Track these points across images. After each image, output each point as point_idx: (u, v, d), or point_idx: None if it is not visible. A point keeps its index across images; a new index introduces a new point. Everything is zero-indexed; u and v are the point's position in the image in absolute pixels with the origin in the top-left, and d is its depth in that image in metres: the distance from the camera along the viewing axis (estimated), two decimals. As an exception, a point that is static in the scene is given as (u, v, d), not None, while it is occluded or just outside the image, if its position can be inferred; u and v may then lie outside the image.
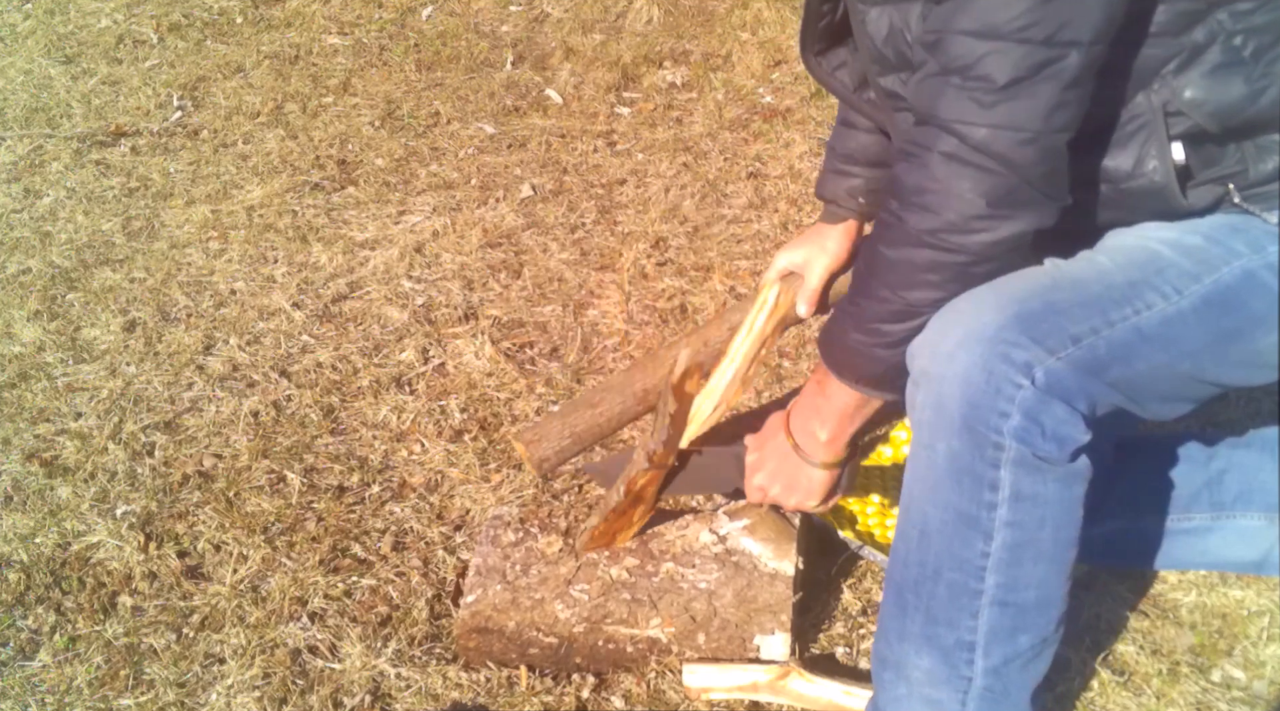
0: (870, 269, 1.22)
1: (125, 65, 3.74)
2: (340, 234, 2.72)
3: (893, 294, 1.19)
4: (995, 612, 1.24)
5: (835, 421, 1.34)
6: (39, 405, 2.21)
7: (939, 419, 1.18)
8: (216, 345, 2.35)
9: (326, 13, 3.98)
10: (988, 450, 1.16)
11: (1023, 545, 1.20)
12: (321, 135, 3.20)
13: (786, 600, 1.51)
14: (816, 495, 1.42)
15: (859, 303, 1.24)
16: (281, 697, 1.57)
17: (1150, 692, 1.49)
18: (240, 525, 1.87)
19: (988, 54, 1.06)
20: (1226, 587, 1.63)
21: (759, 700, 1.50)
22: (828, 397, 1.33)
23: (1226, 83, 1.14)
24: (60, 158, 3.18)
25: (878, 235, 1.21)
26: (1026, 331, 1.15)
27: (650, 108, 3.25)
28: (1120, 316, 1.18)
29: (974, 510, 1.19)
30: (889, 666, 1.32)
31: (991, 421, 1.14)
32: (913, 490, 1.25)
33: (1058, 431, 1.15)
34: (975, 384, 1.14)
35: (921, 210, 1.14)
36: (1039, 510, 1.19)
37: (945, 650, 1.26)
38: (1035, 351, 1.14)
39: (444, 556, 1.79)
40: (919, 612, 1.27)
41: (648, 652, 1.53)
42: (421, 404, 2.13)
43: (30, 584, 1.80)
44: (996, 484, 1.17)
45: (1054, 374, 1.14)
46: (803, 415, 1.37)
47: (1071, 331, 1.16)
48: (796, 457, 1.39)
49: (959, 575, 1.23)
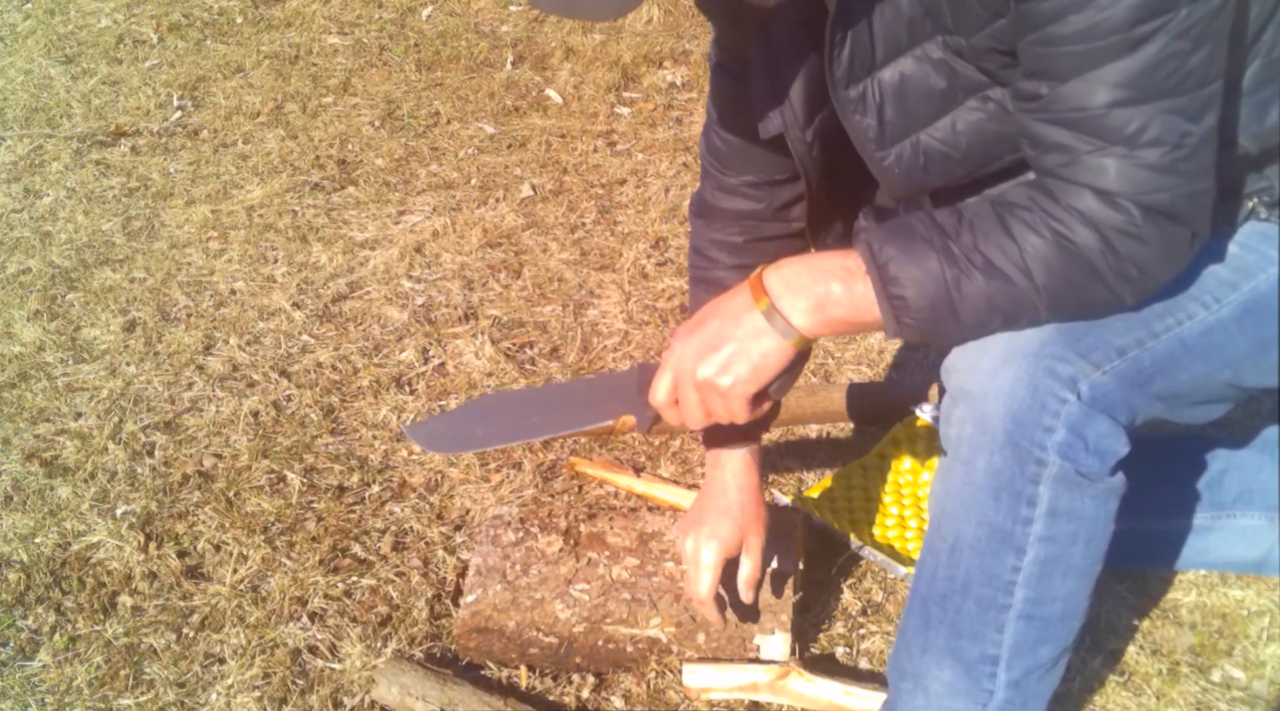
0: (1010, 260, 1.08)
1: (125, 65, 3.74)
2: (340, 234, 2.72)
3: (1038, 296, 1.09)
4: (1021, 626, 1.22)
5: (831, 307, 1.12)
6: (39, 405, 2.21)
7: (981, 435, 1.15)
8: (216, 345, 2.35)
9: (326, 13, 3.97)
10: (1030, 466, 1.14)
11: (1054, 560, 1.19)
12: (321, 135, 3.20)
13: (786, 600, 1.52)
14: (762, 377, 1.14)
15: (970, 263, 1.08)
16: (281, 697, 1.57)
17: (1150, 692, 1.49)
18: (240, 525, 1.87)
19: (1153, 117, 1.02)
20: (1226, 587, 1.63)
21: (759, 700, 1.50)
22: (846, 285, 1.11)
23: (1265, 107, 1.14)
24: (60, 158, 3.18)
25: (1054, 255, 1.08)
26: (1072, 345, 1.13)
27: (650, 108, 3.25)
28: (1164, 327, 1.17)
29: (1009, 525, 1.17)
30: (908, 677, 1.31)
31: (1036, 437, 1.13)
32: (946, 505, 1.22)
33: (1100, 445, 1.14)
34: (1020, 399, 1.12)
35: (1117, 279, 1.08)
36: (1073, 526, 1.18)
37: (968, 663, 1.25)
38: (1081, 365, 1.12)
39: (444, 556, 1.79)
40: (944, 626, 1.25)
41: (648, 652, 1.53)
42: (421, 404, 2.13)
43: (30, 584, 1.80)
44: (1035, 499, 1.16)
45: (1099, 388, 1.13)
46: (795, 275, 1.13)
47: (1116, 344, 1.15)
48: (759, 317, 1.13)
49: (988, 590, 1.21)
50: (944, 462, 1.23)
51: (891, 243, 1.09)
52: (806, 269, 1.13)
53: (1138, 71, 1.00)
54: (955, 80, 1.15)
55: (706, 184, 1.53)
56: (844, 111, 1.24)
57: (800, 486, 1.88)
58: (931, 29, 1.13)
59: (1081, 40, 1.01)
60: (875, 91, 1.19)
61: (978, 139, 1.18)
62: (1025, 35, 1.05)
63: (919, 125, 1.20)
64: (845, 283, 1.11)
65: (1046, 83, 1.05)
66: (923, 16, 1.13)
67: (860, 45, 1.16)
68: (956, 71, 1.15)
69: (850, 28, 1.15)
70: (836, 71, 1.19)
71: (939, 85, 1.16)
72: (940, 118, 1.18)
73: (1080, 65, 1.02)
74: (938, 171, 1.22)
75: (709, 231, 1.53)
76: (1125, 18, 0.98)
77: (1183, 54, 1.00)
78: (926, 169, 1.22)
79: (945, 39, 1.13)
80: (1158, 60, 1.00)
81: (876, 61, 1.18)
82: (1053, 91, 1.05)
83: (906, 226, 1.11)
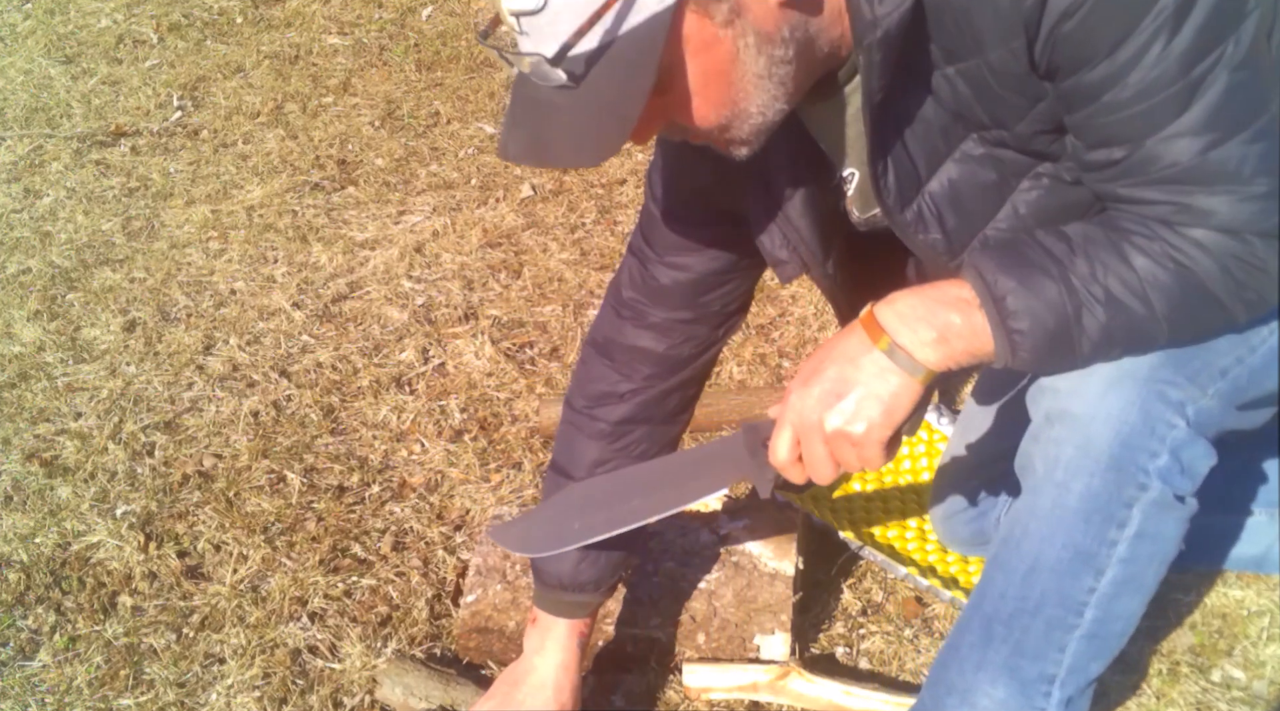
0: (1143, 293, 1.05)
1: (125, 65, 3.74)
2: (340, 234, 2.72)
3: (1158, 325, 1.06)
4: (1083, 645, 1.21)
5: (953, 340, 1.06)
6: (39, 405, 2.21)
7: (1083, 458, 1.13)
8: (216, 345, 2.35)
9: (326, 13, 3.97)
10: (1129, 490, 1.13)
11: (1129, 581, 1.18)
12: (321, 135, 3.20)
13: (786, 600, 1.51)
14: (895, 419, 1.08)
15: (1090, 295, 1.04)
16: (281, 697, 1.57)
17: (1150, 692, 1.49)
18: (240, 525, 1.87)
19: (1246, 150, 1.00)
20: (1226, 587, 1.63)
21: (759, 700, 1.50)
22: (965, 315, 1.06)
23: None
24: (60, 158, 3.18)
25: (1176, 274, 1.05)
26: (1181, 369, 1.11)
27: (650, 108, 3.25)
28: (1259, 340, 1.15)
29: (1095, 547, 1.16)
30: (955, 692, 1.27)
31: (1141, 461, 1.11)
32: (1029, 525, 1.19)
33: (1194, 466, 1.13)
34: (1132, 424, 1.10)
35: (1237, 305, 1.06)
36: (1154, 547, 1.17)
37: (1025, 682, 1.22)
38: (1190, 390, 1.11)
39: (444, 556, 1.79)
40: (1006, 645, 1.22)
41: (648, 652, 1.53)
42: (421, 404, 2.13)
43: (30, 584, 1.80)
44: (1125, 522, 1.14)
45: (1204, 411, 1.12)
46: (910, 309, 1.07)
47: (1219, 365, 1.13)
48: (880, 356, 1.07)
49: (1060, 611, 1.19)
50: (1033, 482, 1.19)
51: (1007, 273, 1.05)
52: (921, 300, 1.07)
53: (1214, 112, 0.98)
54: (1003, 168, 1.13)
55: (616, 322, 1.43)
56: (906, 234, 1.20)
57: (800, 486, 1.88)
58: (965, 129, 1.11)
59: (1143, 100, 0.98)
60: (930, 206, 1.17)
61: (1042, 215, 1.16)
62: (1078, 109, 1.02)
63: (981, 222, 1.17)
64: (963, 313, 1.06)
65: (1119, 148, 1.02)
66: (953, 121, 1.11)
67: (902, 168, 1.14)
68: (1003, 160, 1.13)
69: (889, 155, 1.12)
70: (889, 200, 1.15)
71: (989, 177, 1.14)
72: (1000, 208, 1.16)
73: (1151, 124, 1.00)
74: (969, 236, 1.19)
75: (606, 374, 1.43)
76: (1180, 66, 0.96)
77: (1248, 83, 0.99)
78: (957, 237, 1.19)
79: (981, 134, 1.11)
80: (1229, 96, 0.98)
81: (922, 177, 1.15)
82: (1133, 156, 1.02)
83: (1017, 254, 1.06)
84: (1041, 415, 1.17)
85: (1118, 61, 0.97)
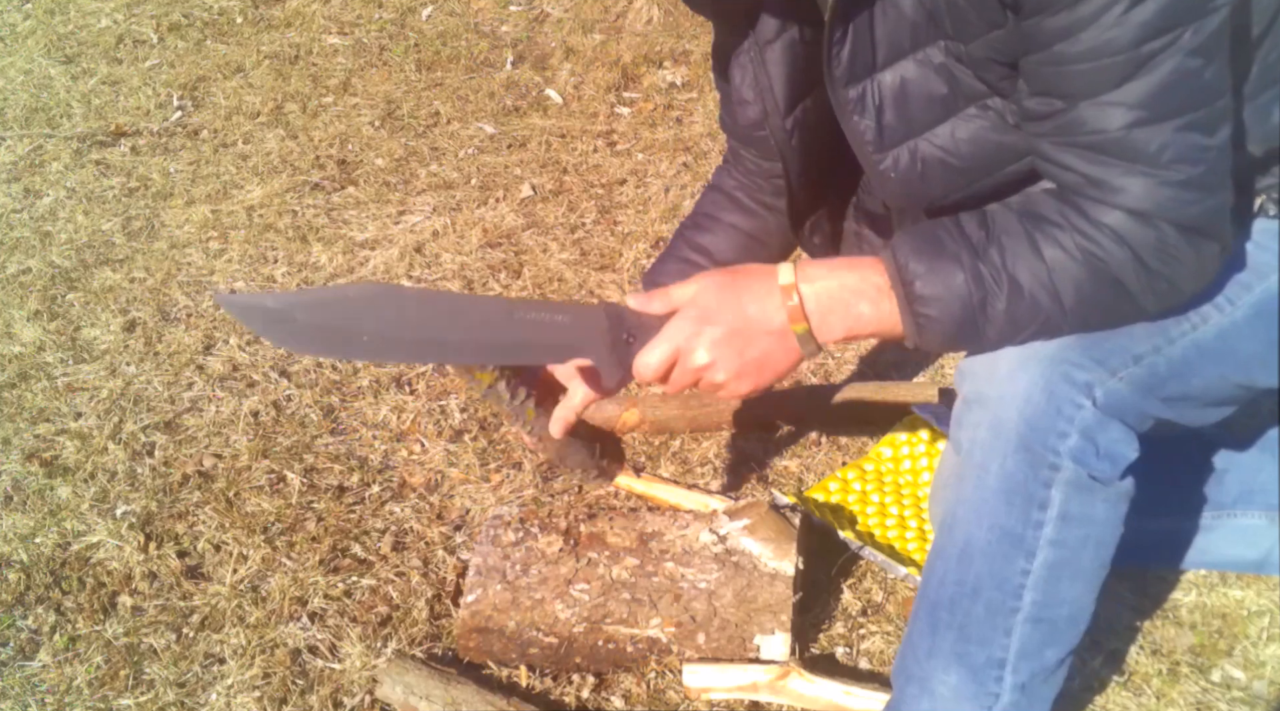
0: (1036, 277, 1.07)
1: (125, 65, 3.74)
2: (340, 234, 2.72)
3: (1064, 317, 1.09)
4: (1028, 630, 1.23)
5: (860, 329, 1.12)
6: (39, 405, 2.21)
7: (995, 440, 1.16)
8: (216, 345, 2.35)
9: (326, 13, 3.97)
10: (1043, 470, 1.15)
11: (1064, 564, 1.20)
12: (321, 135, 3.20)
13: (786, 600, 1.51)
14: (771, 383, 1.15)
15: (997, 284, 1.07)
16: (281, 697, 1.57)
17: (1150, 692, 1.49)
18: (240, 525, 1.87)
19: (1173, 136, 1.01)
20: (1226, 587, 1.63)
21: (759, 700, 1.50)
22: (874, 304, 1.11)
23: (1267, 110, 1.14)
24: (60, 158, 3.18)
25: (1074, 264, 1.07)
26: (1088, 352, 1.13)
27: (650, 108, 3.25)
28: (1180, 333, 1.17)
29: (1020, 529, 1.18)
30: (914, 681, 1.31)
31: (1049, 442, 1.13)
32: (957, 511, 1.22)
33: (1112, 450, 1.15)
34: (1035, 404, 1.13)
35: (1147, 295, 1.08)
36: (1084, 530, 1.18)
37: (975, 668, 1.25)
38: (1097, 372, 1.13)
39: (444, 556, 1.79)
40: (951, 630, 1.26)
41: (648, 652, 1.53)
42: (421, 404, 2.13)
43: (30, 584, 1.80)
44: (1046, 503, 1.16)
45: (1114, 394, 1.13)
46: (828, 296, 1.11)
47: (1133, 351, 1.15)
48: (793, 337, 1.12)
49: (998, 594, 1.21)
50: (954, 467, 1.23)
51: (918, 258, 1.08)
52: (839, 286, 1.11)
53: (1153, 91, 1.00)
54: (956, 87, 1.15)
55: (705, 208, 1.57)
56: (842, 111, 1.23)
57: (800, 486, 1.88)
58: (934, 34, 1.13)
59: (1090, 59, 1.00)
60: (875, 93, 1.19)
61: (978, 148, 1.17)
62: (1031, 53, 1.04)
63: (918, 130, 1.19)
64: (874, 303, 1.10)
65: (1056, 101, 1.04)
66: (925, 21, 1.12)
67: (861, 46, 1.16)
68: (957, 78, 1.14)
69: (850, 26, 1.15)
70: (835, 70, 1.18)
71: (940, 91, 1.16)
72: (940, 124, 1.18)
73: (1091, 86, 1.01)
74: (935, 179, 1.21)
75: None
76: (1133, 37, 0.98)
77: (1196, 71, 1.00)
78: (924, 177, 1.21)
79: (947, 44, 1.13)
80: (1173, 79, 0.99)
81: (877, 63, 1.17)
82: (1065, 113, 1.04)
83: (935, 239, 1.09)
84: (962, 399, 1.20)
85: (1076, 14, 0.98)
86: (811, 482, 1.88)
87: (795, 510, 1.68)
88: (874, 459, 1.86)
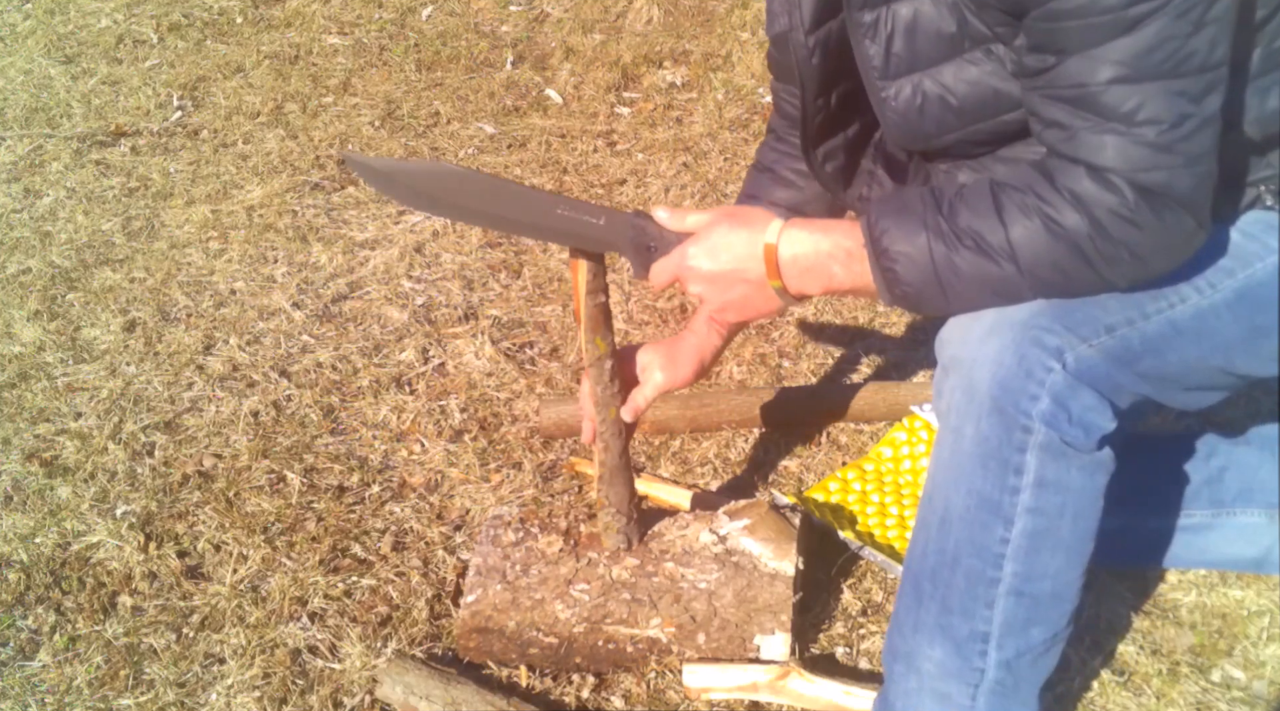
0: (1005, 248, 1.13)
1: (125, 65, 3.74)
2: (340, 234, 2.72)
3: (1021, 277, 1.13)
4: (1011, 603, 1.24)
5: (834, 286, 1.23)
6: (39, 405, 2.21)
7: (969, 402, 1.18)
8: (216, 345, 2.35)
9: (326, 13, 3.97)
10: (1015, 433, 1.16)
11: (1042, 533, 1.21)
12: (321, 135, 3.20)
13: (786, 600, 1.51)
14: (750, 320, 1.37)
15: (959, 241, 1.13)
16: (281, 697, 1.57)
17: (1150, 692, 1.49)
18: (240, 525, 1.87)
19: (1151, 96, 1.04)
20: (1226, 587, 1.63)
21: (759, 700, 1.50)
22: (846, 266, 1.21)
23: (1266, 93, 1.15)
24: (60, 158, 3.18)
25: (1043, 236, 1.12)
26: (1060, 319, 1.16)
27: (650, 108, 3.25)
28: (1155, 309, 1.19)
29: (997, 495, 1.19)
30: (900, 658, 1.32)
31: (1021, 404, 1.15)
32: (936, 477, 1.25)
33: (1084, 418, 1.16)
34: (1007, 366, 1.15)
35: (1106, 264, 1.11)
36: (1060, 498, 1.19)
37: (959, 641, 1.26)
38: (1068, 338, 1.15)
39: (444, 556, 1.79)
40: (934, 602, 1.27)
41: (648, 652, 1.53)
42: (421, 404, 2.13)
43: (30, 584, 1.80)
44: (1022, 468, 1.18)
45: (1085, 360, 1.15)
46: (805, 259, 1.23)
47: (1105, 321, 1.17)
48: (769, 289, 1.26)
49: (977, 562, 1.23)
50: (937, 436, 1.25)
51: (888, 216, 1.16)
52: (815, 250, 1.22)
53: (1137, 50, 1.03)
54: (965, 28, 1.19)
55: None
56: (854, 33, 1.28)
57: (800, 486, 1.88)
58: None
59: (1080, 16, 1.04)
60: (888, 21, 1.24)
61: (976, 91, 1.22)
62: (1030, 9, 1.08)
63: (923, 65, 1.24)
64: (845, 266, 1.21)
65: (1049, 57, 1.09)
66: None
67: None
68: (967, 19, 1.18)
69: None
70: None
71: (949, 29, 1.20)
72: (945, 63, 1.22)
73: (1081, 41, 1.05)
74: (933, 117, 1.26)
75: None
76: None
77: (1182, 36, 1.02)
78: (923, 112, 1.26)
79: None
80: (1157, 41, 1.02)
81: None
82: (1055, 67, 1.08)
83: (906, 200, 1.17)
84: (940, 366, 1.23)
85: None
86: (811, 482, 1.88)
87: (795, 510, 1.68)
88: (874, 459, 1.86)
